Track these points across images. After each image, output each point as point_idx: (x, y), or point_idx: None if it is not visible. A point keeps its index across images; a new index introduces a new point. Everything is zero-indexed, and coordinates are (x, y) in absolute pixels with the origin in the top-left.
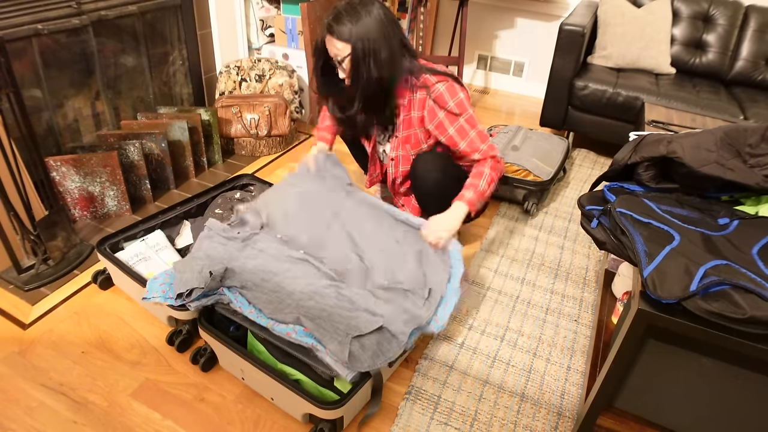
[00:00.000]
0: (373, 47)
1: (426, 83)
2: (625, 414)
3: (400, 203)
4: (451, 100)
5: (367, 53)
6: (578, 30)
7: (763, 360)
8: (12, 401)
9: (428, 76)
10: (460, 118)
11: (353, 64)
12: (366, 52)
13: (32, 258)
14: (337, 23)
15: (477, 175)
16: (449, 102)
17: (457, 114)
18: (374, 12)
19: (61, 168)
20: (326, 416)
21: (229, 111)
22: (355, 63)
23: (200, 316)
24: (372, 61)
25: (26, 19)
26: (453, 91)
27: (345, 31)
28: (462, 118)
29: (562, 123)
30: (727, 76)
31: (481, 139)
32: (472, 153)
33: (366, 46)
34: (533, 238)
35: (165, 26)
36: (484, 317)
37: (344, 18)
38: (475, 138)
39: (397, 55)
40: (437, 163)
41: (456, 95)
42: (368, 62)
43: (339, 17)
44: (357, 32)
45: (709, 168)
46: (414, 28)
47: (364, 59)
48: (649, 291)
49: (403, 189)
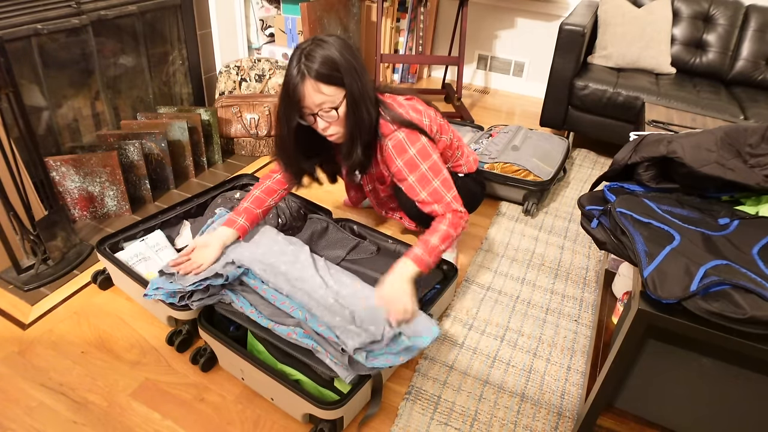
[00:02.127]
0: (364, 83)
1: (383, 131)
2: (625, 414)
3: (397, 216)
4: (411, 147)
5: (362, 91)
6: (578, 30)
7: (763, 360)
8: (12, 401)
9: (387, 122)
10: (422, 165)
11: (349, 108)
12: (361, 91)
13: (32, 258)
14: (319, 65)
15: (431, 231)
16: (409, 150)
17: (418, 163)
18: (339, 44)
19: (60, 168)
20: (326, 416)
21: (229, 111)
22: (351, 106)
23: (200, 316)
24: (367, 99)
25: (26, 19)
26: (413, 138)
27: (332, 71)
28: (424, 166)
29: (562, 123)
30: (727, 76)
31: (446, 189)
32: (433, 203)
33: (358, 84)
34: (533, 238)
35: (165, 26)
36: (484, 317)
37: (321, 59)
38: (438, 188)
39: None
40: None
41: (417, 142)
42: (366, 101)
43: (314, 57)
44: (345, 70)
45: (710, 168)
46: (414, 28)
47: (363, 98)
48: (649, 291)
49: (393, 205)
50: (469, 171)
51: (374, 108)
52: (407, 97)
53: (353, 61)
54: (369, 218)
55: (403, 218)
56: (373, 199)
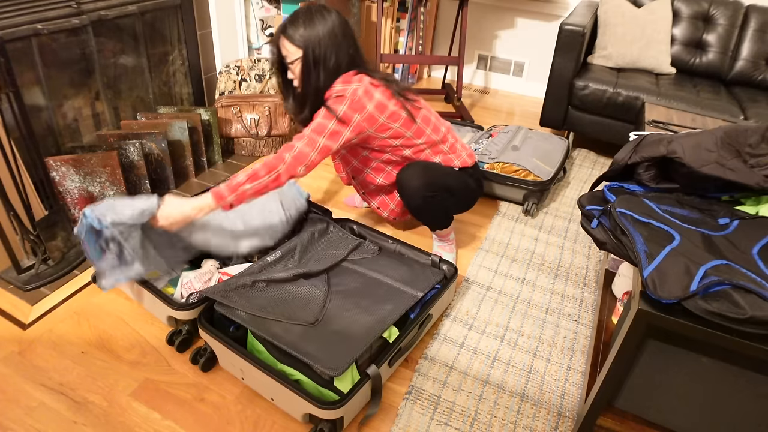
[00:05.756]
0: (323, 54)
1: (328, 94)
2: (625, 414)
3: (375, 206)
4: (335, 96)
5: (317, 60)
6: (578, 30)
7: (763, 360)
8: (12, 401)
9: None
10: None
11: (303, 70)
12: (316, 59)
13: (32, 258)
14: (292, 26)
15: (249, 171)
16: (332, 97)
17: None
18: (330, 21)
19: (60, 168)
20: (326, 416)
21: (229, 111)
22: (305, 69)
23: (200, 315)
24: (322, 69)
25: (26, 19)
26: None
27: (297, 34)
28: (330, 102)
29: (562, 123)
30: (727, 76)
31: (314, 128)
32: (298, 135)
33: (317, 53)
34: (533, 238)
35: (165, 26)
36: (484, 317)
37: (300, 22)
38: (311, 127)
39: (343, 68)
40: (419, 172)
41: (340, 105)
42: (318, 70)
43: (295, 20)
44: (308, 37)
45: (710, 168)
46: (414, 28)
47: (315, 66)
48: (649, 291)
49: (371, 188)
50: (463, 165)
51: (333, 79)
52: (373, 82)
53: (324, 35)
54: (369, 219)
55: (381, 208)
56: (349, 172)
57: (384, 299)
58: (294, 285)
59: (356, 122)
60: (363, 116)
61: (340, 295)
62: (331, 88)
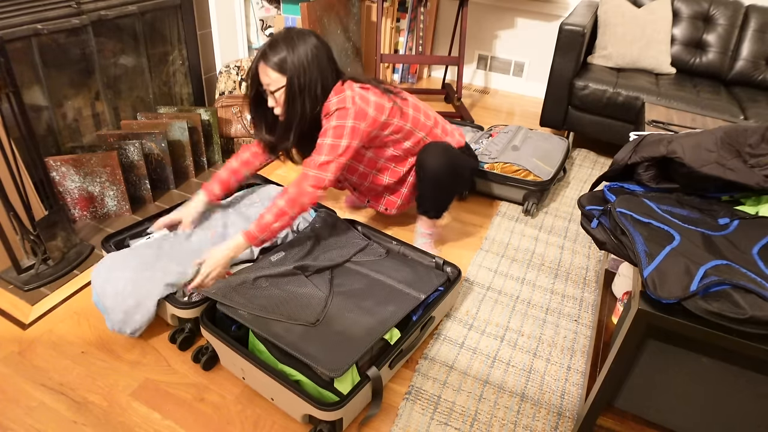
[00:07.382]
0: (308, 81)
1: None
2: (625, 414)
3: (382, 208)
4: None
5: (303, 87)
6: (578, 30)
7: (763, 360)
8: (12, 401)
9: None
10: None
11: (288, 98)
12: (301, 85)
13: (32, 258)
14: (273, 52)
15: (270, 208)
16: (331, 112)
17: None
18: (311, 44)
19: (60, 168)
20: (325, 417)
21: (229, 111)
22: (290, 96)
23: (203, 314)
24: (307, 96)
25: (26, 19)
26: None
27: (280, 60)
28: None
29: (562, 123)
30: (727, 76)
31: (327, 152)
32: (308, 162)
33: (302, 79)
34: (533, 238)
35: (165, 26)
36: (484, 317)
37: (281, 47)
38: (323, 151)
39: (329, 90)
40: (440, 150)
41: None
42: (303, 96)
43: (275, 46)
44: (292, 62)
45: (710, 168)
46: (414, 28)
47: (300, 93)
48: (649, 291)
49: (378, 191)
50: (458, 146)
51: (321, 103)
52: (362, 86)
53: (306, 60)
54: (370, 219)
55: (388, 208)
56: (354, 181)
57: (386, 301)
58: (296, 285)
59: (363, 130)
60: (367, 122)
61: (342, 296)
62: (326, 102)
